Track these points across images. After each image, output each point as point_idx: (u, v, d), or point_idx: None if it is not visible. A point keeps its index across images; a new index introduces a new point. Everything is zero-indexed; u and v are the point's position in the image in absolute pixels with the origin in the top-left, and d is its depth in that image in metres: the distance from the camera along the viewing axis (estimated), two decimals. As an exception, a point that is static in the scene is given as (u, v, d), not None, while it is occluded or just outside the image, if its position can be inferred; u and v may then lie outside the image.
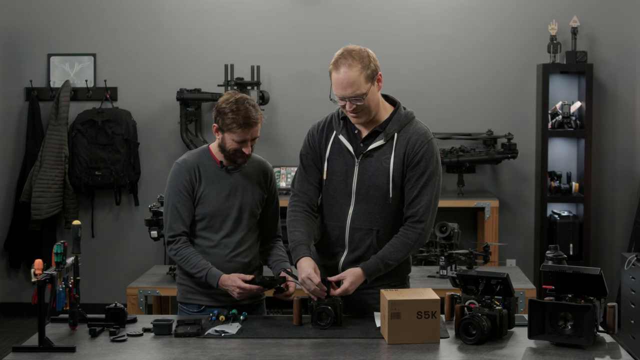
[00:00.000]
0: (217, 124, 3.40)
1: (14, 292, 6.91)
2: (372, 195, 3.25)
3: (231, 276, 3.33)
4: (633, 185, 6.62)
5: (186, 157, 3.48)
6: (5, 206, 6.83)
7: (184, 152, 6.71)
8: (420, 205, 3.22)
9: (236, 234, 3.47)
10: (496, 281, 3.06)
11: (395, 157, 3.22)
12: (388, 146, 3.23)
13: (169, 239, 3.43)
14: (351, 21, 6.70)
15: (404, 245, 3.23)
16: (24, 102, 6.82)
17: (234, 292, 3.31)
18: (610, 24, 6.55)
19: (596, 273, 2.96)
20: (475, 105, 6.64)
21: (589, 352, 2.85)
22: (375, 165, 3.24)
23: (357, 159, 3.26)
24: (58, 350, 2.88)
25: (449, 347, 2.92)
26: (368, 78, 3.14)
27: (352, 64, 3.13)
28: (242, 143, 3.36)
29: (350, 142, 3.28)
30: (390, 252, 3.23)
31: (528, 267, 6.56)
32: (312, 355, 2.85)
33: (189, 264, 3.39)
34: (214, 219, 3.44)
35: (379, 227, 3.27)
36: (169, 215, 3.44)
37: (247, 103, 3.35)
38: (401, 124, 3.25)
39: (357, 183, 3.26)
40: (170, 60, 6.78)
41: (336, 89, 3.16)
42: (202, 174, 3.44)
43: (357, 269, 3.22)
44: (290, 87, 6.71)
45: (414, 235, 3.23)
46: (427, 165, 3.22)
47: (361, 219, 3.27)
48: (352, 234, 3.29)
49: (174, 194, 3.43)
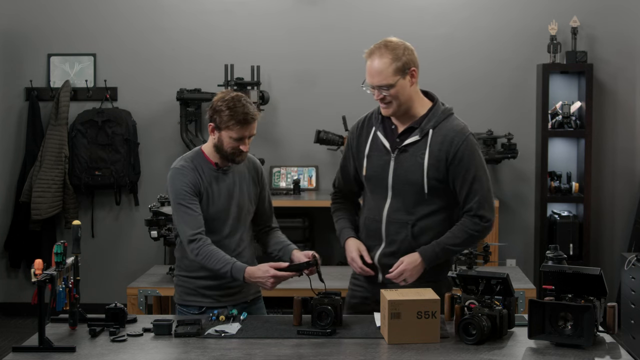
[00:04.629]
0: (213, 123, 3.38)
1: (14, 292, 6.91)
2: (407, 189, 3.29)
3: (261, 267, 3.27)
4: (633, 185, 6.61)
5: (183, 162, 3.43)
6: (5, 206, 6.83)
7: (184, 152, 6.70)
8: (474, 201, 3.27)
9: (236, 234, 3.47)
10: (496, 281, 3.06)
11: (430, 153, 3.26)
12: (423, 142, 3.27)
13: (190, 237, 3.33)
14: (351, 21, 6.69)
15: (462, 232, 3.28)
16: (24, 102, 6.82)
17: (268, 282, 3.25)
18: (610, 24, 6.55)
19: (596, 273, 2.96)
20: (475, 105, 6.63)
21: (589, 352, 2.85)
22: (410, 161, 3.27)
23: (392, 154, 3.30)
24: (58, 350, 2.88)
25: (449, 347, 2.92)
26: (398, 70, 3.20)
27: (383, 54, 3.20)
28: (239, 141, 3.35)
29: (386, 138, 3.32)
30: (448, 238, 3.29)
31: (528, 267, 6.56)
32: (312, 355, 2.85)
33: (212, 260, 3.30)
34: (215, 221, 3.43)
35: (414, 221, 3.30)
36: (183, 217, 3.36)
37: (243, 100, 3.36)
38: (437, 121, 3.29)
39: (393, 178, 3.30)
40: (170, 60, 6.78)
41: (367, 76, 3.25)
42: (202, 176, 3.43)
43: (415, 253, 3.28)
44: (290, 87, 6.71)
45: (472, 225, 3.28)
46: (471, 161, 3.26)
47: (396, 213, 3.32)
48: (388, 227, 3.33)
49: (181, 197, 3.37)
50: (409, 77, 3.24)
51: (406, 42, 3.28)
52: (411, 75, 3.25)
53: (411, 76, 3.25)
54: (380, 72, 3.20)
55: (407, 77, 3.24)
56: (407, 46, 3.26)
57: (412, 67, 3.24)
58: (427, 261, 3.28)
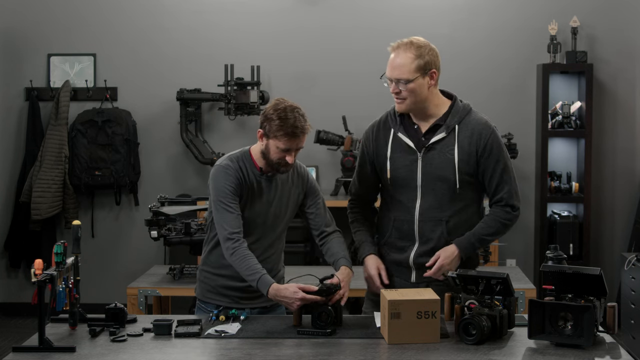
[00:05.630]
0: (262, 130, 3.33)
1: (14, 292, 6.91)
2: (438, 186, 3.31)
3: (289, 287, 3.18)
4: (633, 185, 6.62)
5: (229, 161, 3.37)
6: (5, 206, 6.83)
7: (184, 152, 6.75)
8: (504, 191, 3.34)
9: (265, 241, 3.43)
10: (496, 281, 3.06)
11: (460, 148, 3.29)
12: (450, 138, 3.31)
13: (229, 236, 3.28)
14: (351, 21, 6.70)
15: (495, 222, 3.35)
16: (24, 102, 6.82)
17: (295, 303, 3.15)
18: (610, 24, 6.55)
19: (596, 273, 2.96)
20: (475, 105, 6.52)
21: (589, 352, 2.85)
22: (440, 158, 3.29)
23: (419, 152, 3.31)
24: (58, 350, 2.88)
25: (449, 347, 2.92)
26: (419, 68, 3.24)
27: (408, 49, 3.25)
28: (286, 152, 3.29)
29: (410, 138, 3.33)
30: (482, 228, 3.34)
31: (528, 267, 6.56)
32: (312, 355, 2.85)
33: (244, 265, 3.25)
34: (247, 225, 3.37)
35: (448, 217, 3.32)
36: (223, 215, 3.31)
37: (296, 112, 3.30)
38: (461, 116, 3.35)
39: (422, 176, 3.31)
40: (170, 60, 6.78)
41: (388, 69, 3.29)
42: (245, 179, 3.37)
43: (451, 245, 3.31)
44: (290, 87, 6.71)
45: (504, 214, 3.35)
46: (499, 152, 3.33)
47: (429, 211, 3.33)
48: (422, 226, 3.34)
49: (223, 195, 3.32)
50: (428, 78, 3.27)
51: (432, 44, 3.32)
52: (431, 77, 3.27)
53: (430, 77, 3.27)
54: (402, 66, 3.23)
55: (427, 77, 3.27)
56: (432, 48, 3.30)
57: (432, 68, 3.27)
58: (464, 252, 3.31)
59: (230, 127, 6.73)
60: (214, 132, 6.76)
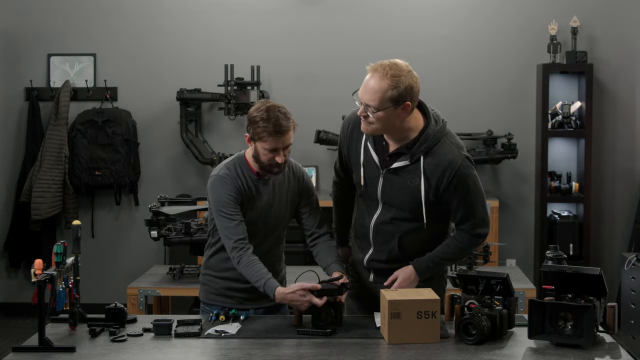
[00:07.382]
0: (248, 134, 3.34)
1: (14, 292, 6.91)
2: (395, 205, 3.26)
3: (296, 291, 3.16)
4: (633, 185, 6.61)
5: (226, 170, 3.37)
6: (5, 206, 6.83)
7: (184, 152, 6.75)
8: (468, 223, 3.25)
9: (266, 243, 3.44)
10: (496, 281, 3.07)
11: (426, 180, 3.17)
12: (414, 167, 3.18)
13: (234, 245, 3.28)
14: (351, 22, 6.70)
15: (456, 247, 3.29)
16: (24, 102, 6.82)
17: (304, 305, 3.15)
18: (610, 24, 6.55)
19: (596, 273, 2.96)
20: (476, 105, 6.64)
21: (589, 352, 2.86)
22: (400, 183, 3.21)
23: (381, 170, 3.24)
24: (58, 350, 2.88)
25: (449, 347, 2.92)
26: (391, 99, 3.05)
27: (384, 77, 3.06)
28: (274, 152, 3.30)
29: (376, 153, 3.25)
30: (442, 253, 3.28)
31: (528, 267, 6.56)
32: (312, 355, 2.85)
33: (250, 270, 3.25)
34: (249, 229, 3.36)
35: (402, 234, 3.29)
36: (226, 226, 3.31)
37: (277, 111, 3.31)
38: (428, 146, 3.16)
39: (382, 193, 3.26)
40: (170, 60, 6.78)
41: (361, 88, 3.14)
42: (243, 185, 3.38)
43: (409, 266, 3.29)
44: (290, 87, 6.71)
45: (467, 240, 3.28)
46: (465, 188, 3.18)
47: (384, 225, 3.30)
48: (375, 237, 3.33)
49: (223, 205, 3.31)
50: (400, 110, 3.08)
51: (413, 71, 3.10)
52: (403, 109, 3.08)
53: (403, 109, 3.08)
54: (374, 92, 3.06)
55: (399, 109, 3.07)
56: (411, 77, 3.08)
57: (407, 100, 3.07)
58: (421, 274, 3.28)
59: (230, 127, 6.72)
60: (214, 132, 6.76)
